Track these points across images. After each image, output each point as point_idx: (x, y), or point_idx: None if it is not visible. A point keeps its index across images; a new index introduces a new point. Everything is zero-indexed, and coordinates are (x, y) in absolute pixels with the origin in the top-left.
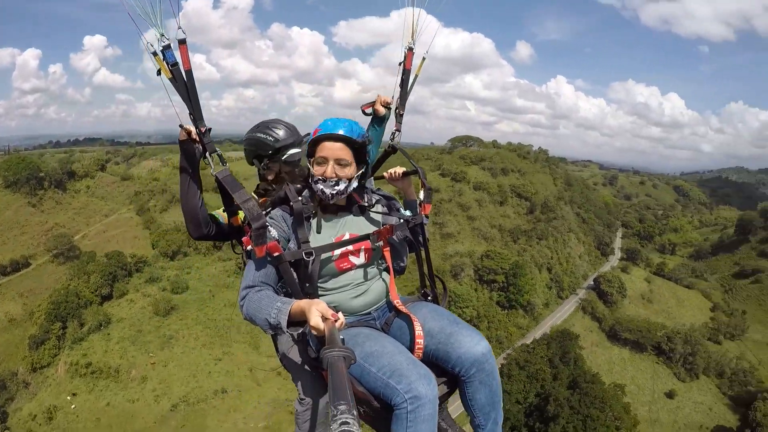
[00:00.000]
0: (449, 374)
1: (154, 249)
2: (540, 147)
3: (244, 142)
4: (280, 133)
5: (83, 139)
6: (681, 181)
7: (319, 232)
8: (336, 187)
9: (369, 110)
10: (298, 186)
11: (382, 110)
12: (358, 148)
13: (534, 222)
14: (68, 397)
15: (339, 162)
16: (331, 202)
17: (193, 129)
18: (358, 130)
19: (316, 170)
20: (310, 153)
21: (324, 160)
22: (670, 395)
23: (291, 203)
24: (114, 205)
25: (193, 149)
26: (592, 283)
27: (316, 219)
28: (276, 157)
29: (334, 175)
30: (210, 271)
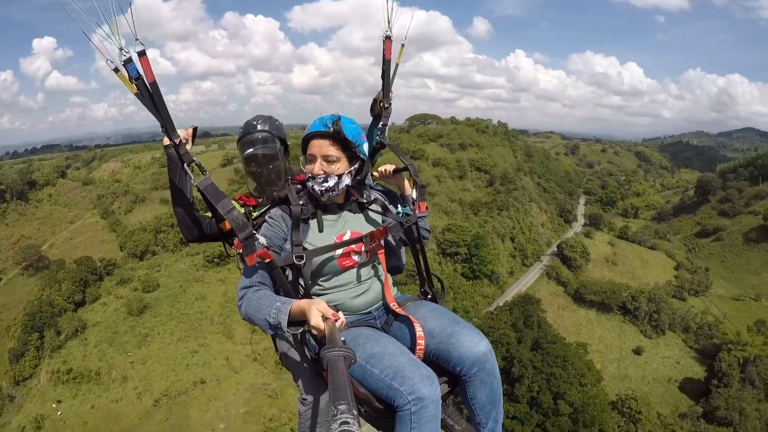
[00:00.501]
0: (450, 373)
1: (122, 251)
2: (499, 120)
3: None
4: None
5: (41, 146)
6: (642, 147)
7: (321, 231)
8: (325, 184)
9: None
10: (299, 186)
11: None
12: (346, 143)
13: (494, 194)
14: (53, 405)
15: (326, 158)
16: (323, 199)
17: (180, 132)
18: (349, 126)
19: (307, 168)
20: (303, 152)
21: (313, 158)
22: (637, 351)
23: (291, 205)
24: (78, 211)
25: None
26: (556, 249)
27: (317, 218)
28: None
29: (321, 172)
30: (179, 267)
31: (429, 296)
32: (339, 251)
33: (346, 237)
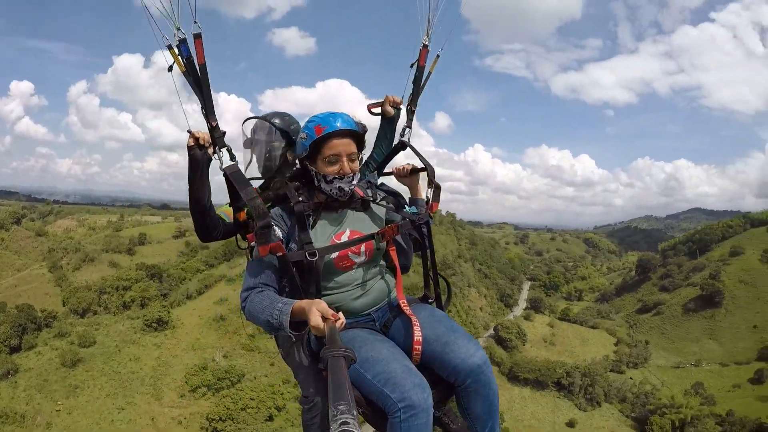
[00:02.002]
0: (445, 381)
1: (64, 306)
2: (447, 211)
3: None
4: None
5: None
6: (590, 233)
7: (318, 229)
8: (352, 183)
9: (376, 110)
10: (297, 184)
11: (391, 111)
12: (362, 141)
13: None
14: None
15: (350, 157)
16: (343, 198)
17: (201, 133)
18: (354, 121)
19: (330, 169)
20: (313, 152)
21: (337, 158)
22: (570, 424)
23: (291, 203)
24: (27, 260)
25: (200, 155)
26: (493, 332)
27: (314, 217)
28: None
29: (350, 171)
30: (118, 327)
31: (430, 300)
32: (336, 252)
33: (345, 235)
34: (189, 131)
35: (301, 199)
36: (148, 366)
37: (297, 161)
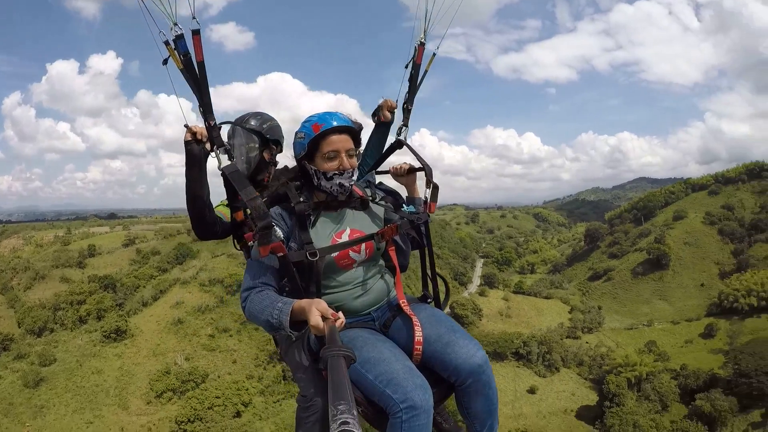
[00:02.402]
0: (445, 380)
1: (20, 327)
2: None
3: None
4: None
5: None
6: (540, 208)
7: (318, 229)
8: (352, 178)
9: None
10: (297, 183)
11: (388, 115)
12: (358, 138)
13: None
14: None
15: (348, 153)
16: (341, 197)
17: (198, 128)
18: (350, 119)
19: (329, 165)
20: (312, 151)
21: (336, 154)
22: (531, 391)
23: (292, 203)
24: None
25: (198, 150)
26: (449, 310)
27: (314, 217)
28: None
29: (350, 166)
30: (77, 342)
31: (429, 300)
32: (336, 252)
33: (345, 234)
34: (186, 126)
35: (301, 199)
36: (112, 377)
37: (276, 161)
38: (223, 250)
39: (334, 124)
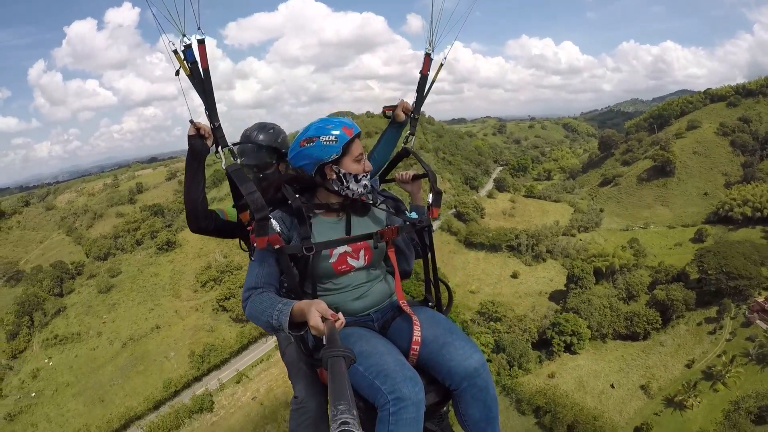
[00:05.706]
0: (443, 385)
1: (88, 257)
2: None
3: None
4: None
5: None
6: (569, 119)
7: (320, 232)
8: (369, 179)
9: (390, 113)
10: (297, 186)
11: (402, 116)
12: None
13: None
14: (46, 360)
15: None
16: (360, 197)
17: (202, 125)
18: None
19: (359, 167)
20: (341, 155)
21: (362, 156)
22: (514, 276)
23: (290, 202)
24: (45, 233)
25: (200, 145)
26: (455, 210)
27: (315, 220)
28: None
29: (369, 168)
30: (137, 257)
31: (431, 304)
32: (335, 254)
33: (346, 237)
34: (191, 121)
35: (302, 200)
36: (167, 277)
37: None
38: None
39: (356, 129)
